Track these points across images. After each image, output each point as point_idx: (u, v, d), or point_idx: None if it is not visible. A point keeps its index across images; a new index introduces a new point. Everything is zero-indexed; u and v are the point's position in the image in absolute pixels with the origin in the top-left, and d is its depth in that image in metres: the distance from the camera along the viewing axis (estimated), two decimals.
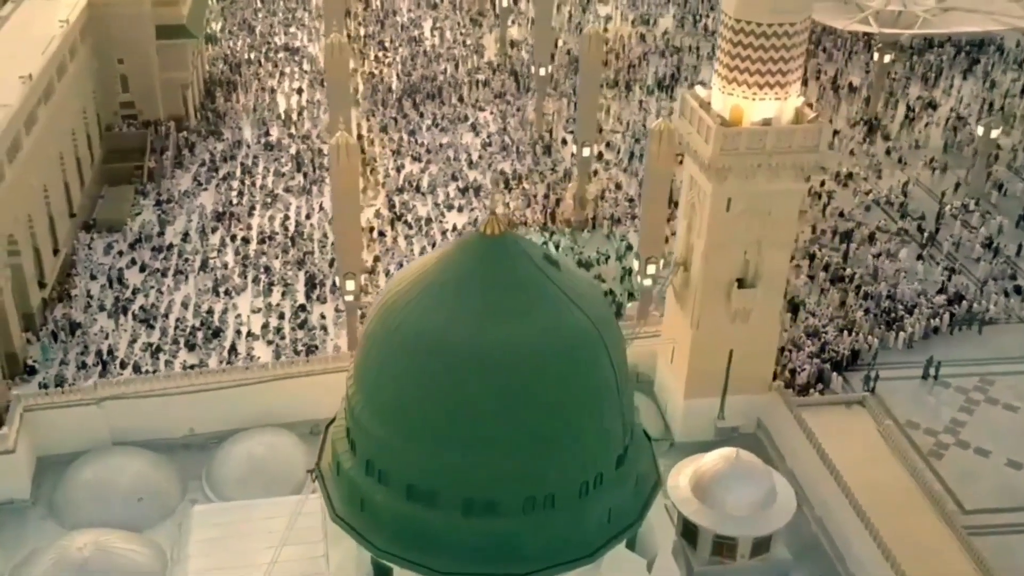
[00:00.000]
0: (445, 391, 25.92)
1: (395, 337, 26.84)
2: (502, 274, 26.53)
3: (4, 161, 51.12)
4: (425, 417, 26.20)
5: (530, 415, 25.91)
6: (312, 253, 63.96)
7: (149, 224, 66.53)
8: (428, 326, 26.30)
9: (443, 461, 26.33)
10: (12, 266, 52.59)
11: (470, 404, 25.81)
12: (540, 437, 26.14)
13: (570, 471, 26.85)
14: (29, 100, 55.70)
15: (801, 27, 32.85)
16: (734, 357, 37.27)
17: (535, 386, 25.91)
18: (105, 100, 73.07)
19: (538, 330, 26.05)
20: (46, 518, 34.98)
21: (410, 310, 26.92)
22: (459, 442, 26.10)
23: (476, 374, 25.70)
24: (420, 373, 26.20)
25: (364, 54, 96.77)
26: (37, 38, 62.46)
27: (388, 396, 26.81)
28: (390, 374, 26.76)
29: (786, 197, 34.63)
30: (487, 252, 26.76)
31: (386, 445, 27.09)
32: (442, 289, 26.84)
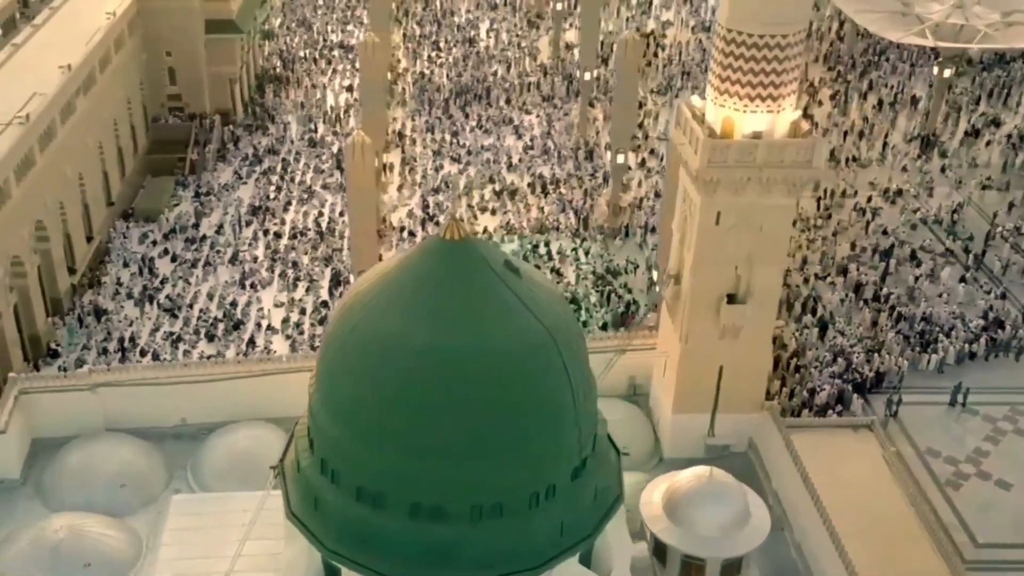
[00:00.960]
0: (395, 394, 26.06)
1: (351, 337, 27.10)
2: (459, 279, 26.59)
3: (35, 149, 52.78)
4: (375, 419, 26.39)
5: (479, 422, 25.91)
6: (340, 250, 64.69)
7: (185, 215, 68.07)
8: (383, 328, 26.49)
9: (391, 464, 26.49)
10: (41, 251, 54.35)
11: (419, 408, 25.91)
12: (488, 444, 26.13)
13: (519, 480, 26.75)
14: (66, 90, 57.45)
15: (794, 39, 32.19)
16: (724, 374, 36.69)
17: (485, 393, 25.88)
18: (152, 92, 74.98)
19: (491, 337, 26.04)
20: (33, 499, 36.05)
21: (367, 311, 27.16)
22: (407, 446, 26.21)
23: (426, 378, 25.79)
24: (372, 374, 26.40)
25: (418, 54, 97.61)
26: (83, 30, 64.43)
27: (342, 396, 27.08)
28: (345, 374, 27.01)
29: (778, 212, 33.99)
30: (446, 257, 26.84)
31: (339, 445, 27.36)
32: (399, 292, 27.02)
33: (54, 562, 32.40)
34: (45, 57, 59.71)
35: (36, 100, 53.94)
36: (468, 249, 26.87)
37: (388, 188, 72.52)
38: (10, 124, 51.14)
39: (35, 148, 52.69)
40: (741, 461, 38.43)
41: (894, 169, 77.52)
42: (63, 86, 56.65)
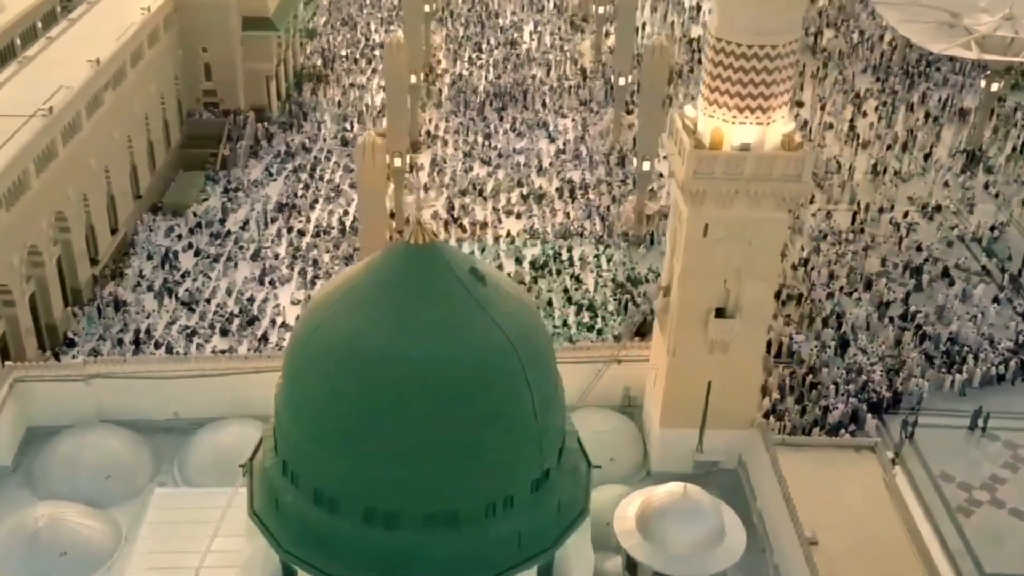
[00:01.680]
0: (351, 397, 26.08)
1: (313, 338, 27.22)
2: (421, 285, 26.49)
3: (58, 141, 53.98)
4: (331, 421, 26.44)
5: (434, 429, 25.75)
6: (360, 250, 65.11)
7: (213, 210, 69.08)
8: (342, 330, 26.53)
9: (346, 468, 26.50)
10: (62, 242, 55.61)
11: (374, 413, 25.87)
12: (443, 452, 25.96)
13: (475, 490, 26.54)
14: (93, 84, 58.68)
15: (785, 50, 31.52)
16: (713, 390, 36.07)
17: (440, 400, 25.73)
18: (188, 87, 76.27)
19: (449, 344, 25.90)
20: (22, 486, 36.66)
21: (330, 313, 27.25)
22: (361, 450, 26.21)
23: (381, 383, 25.77)
24: (330, 377, 26.46)
25: (459, 55, 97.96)
26: (118, 25, 65.80)
27: (302, 397, 27.18)
28: (305, 375, 27.12)
29: (768, 226, 33.31)
30: (409, 261, 26.77)
31: (298, 446, 27.47)
32: (362, 295, 27.05)
33: (31, 549, 32.87)
34: (77, 51, 61.07)
35: (61, 93, 55.17)
36: (433, 254, 26.77)
37: (415, 189, 72.76)
38: (32, 116, 52.35)
39: (57, 140, 53.90)
40: (730, 478, 37.78)
41: (936, 184, 75.87)
42: (90, 80, 57.88)
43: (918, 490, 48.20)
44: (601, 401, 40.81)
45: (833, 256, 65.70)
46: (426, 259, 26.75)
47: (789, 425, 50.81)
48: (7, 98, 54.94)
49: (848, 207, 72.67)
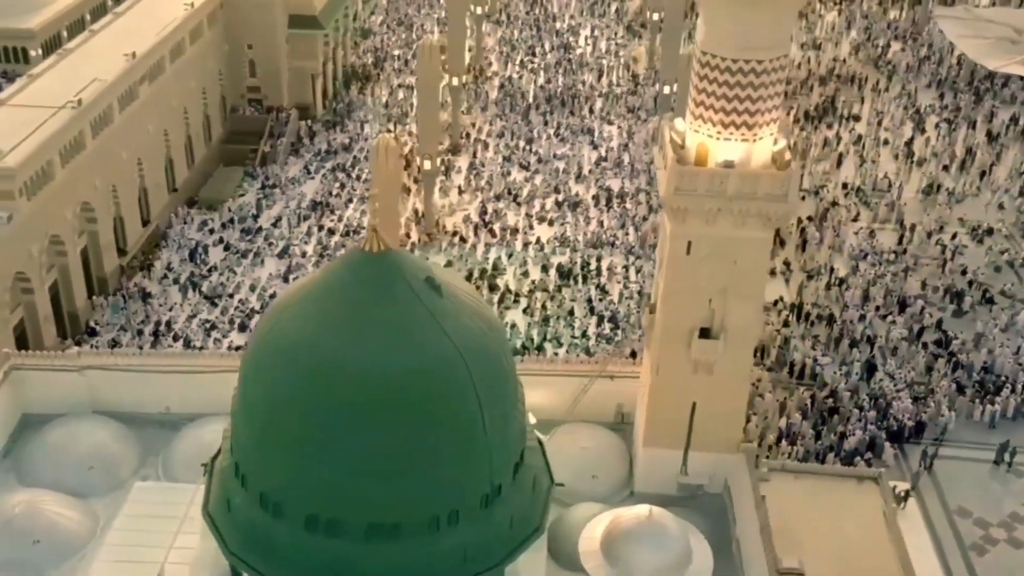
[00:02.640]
0: (294, 402, 26.17)
1: (265, 341, 27.37)
2: (372, 292, 26.47)
3: (87, 133, 55.25)
4: (276, 425, 26.54)
5: (376, 439, 25.71)
6: None
7: (247, 206, 70.02)
8: (291, 335, 26.64)
9: (289, 473, 26.61)
10: (88, 232, 56.93)
11: (316, 419, 25.93)
12: (386, 463, 25.88)
13: (418, 502, 26.40)
14: (127, 77, 59.93)
15: (771, 66, 30.57)
16: (698, 411, 35.32)
17: (384, 410, 25.67)
18: (232, 83, 77.48)
19: (396, 353, 25.81)
20: (9, 472, 37.56)
21: (283, 316, 27.40)
22: (303, 456, 26.27)
23: (323, 389, 25.80)
24: (276, 380, 26.58)
25: (511, 58, 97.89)
26: (161, 19, 67.15)
27: (251, 399, 27.34)
28: (255, 377, 27.29)
29: (753, 246, 32.43)
30: (363, 269, 26.80)
31: (247, 448, 27.67)
32: (315, 301, 27.13)
33: (5, 536, 33.62)
34: (116, 44, 62.46)
35: (94, 86, 56.46)
36: (387, 262, 26.74)
37: (450, 191, 72.98)
38: (62, 108, 53.67)
39: (86, 132, 55.15)
40: (715, 503, 37.00)
41: (990, 206, 73.44)
42: (123, 73, 59.12)
43: (931, 524, 46.57)
44: (593, 417, 40.37)
45: (871, 276, 63.96)
46: (380, 267, 26.73)
47: (802, 450, 49.58)
48: (41, 89, 56.45)
49: (894, 227, 70.75)
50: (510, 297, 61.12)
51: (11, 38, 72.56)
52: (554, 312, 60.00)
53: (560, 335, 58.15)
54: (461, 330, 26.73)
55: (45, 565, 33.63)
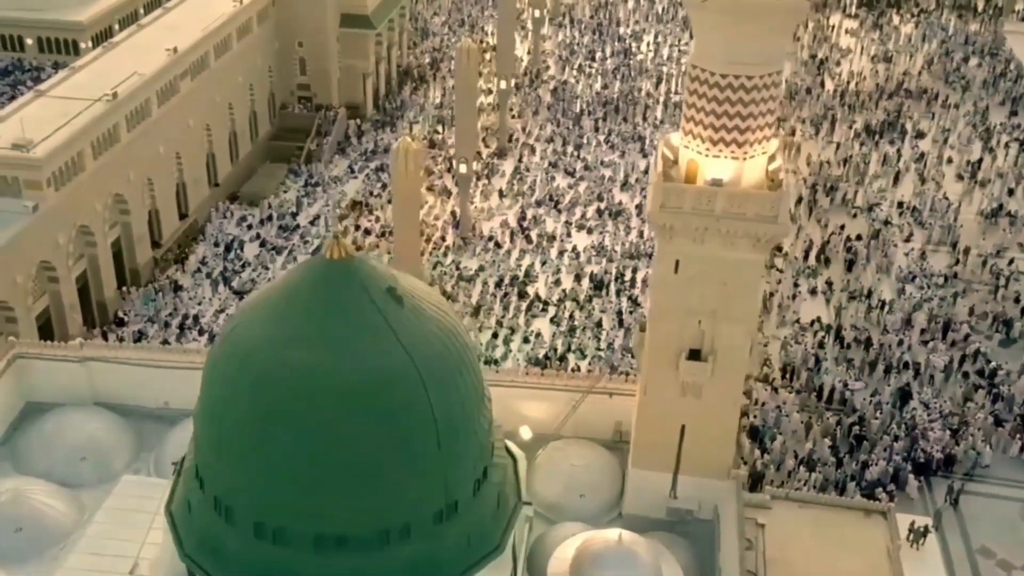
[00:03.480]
0: (243, 407, 26.17)
1: (225, 343, 27.41)
2: (329, 300, 26.32)
3: (121, 126, 56.34)
4: (227, 429, 26.58)
5: (322, 449, 25.56)
6: (422, 253, 65.45)
7: (288, 203, 70.74)
8: (245, 340, 26.65)
9: (238, 478, 26.60)
10: (121, 223, 58.08)
11: (263, 425, 25.88)
12: (331, 473, 25.72)
13: (366, 515, 26.22)
14: (167, 72, 60.99)
15: (762, 82, 29.45)
16: (687, 434, 34.38)
17: (332, 421, 25.48)
18: (282, 80, 78.37)
19: (346, 363, 25.60)
20: (5, 459, 38.23)
21: (242, 320, 27.46)
22: (251, 462, 26.25)
23: (274, 397, 25.70)
24: (228, 384, 26.62)
25: (569, 62, 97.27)
26: (209, 15, 68.22)
27: (208, 401, 27.38)
28: (212, 380, 27.33)
29: (743, 268, 31.36)
30: (324, 277, 26.67)
31: (205, 451, 27.75)
32: (273, 306, 27.11)
33: None
34: (161, 39, 63.63)
35: (132, 80, 57.60)
36: (347, 270, 26.53)
37: (491, 196, 72.76)
38: (97, 101, 54.83)
39: (121, 125, 56.23)
40: (705, 529, 35.89)
41: None
42: (162, 68, 60.17)
43: (951, 564, 44.73)
44: (591, 434, 39.64)
45: (917, 300, 61.87)
46: (341, 275, 26.52)
47: (820, 477, 48.13)
48: (81, 82, 57.78)
49: (948, 249, 68.39)
50: (538, 305, 60.60)
51: (61, 30, 74.61)
52: (581, 323, 59.30)
53: (585, 346, 57.45)
54: (420, 342, 26.39)
55: (26, 553, 34.14)
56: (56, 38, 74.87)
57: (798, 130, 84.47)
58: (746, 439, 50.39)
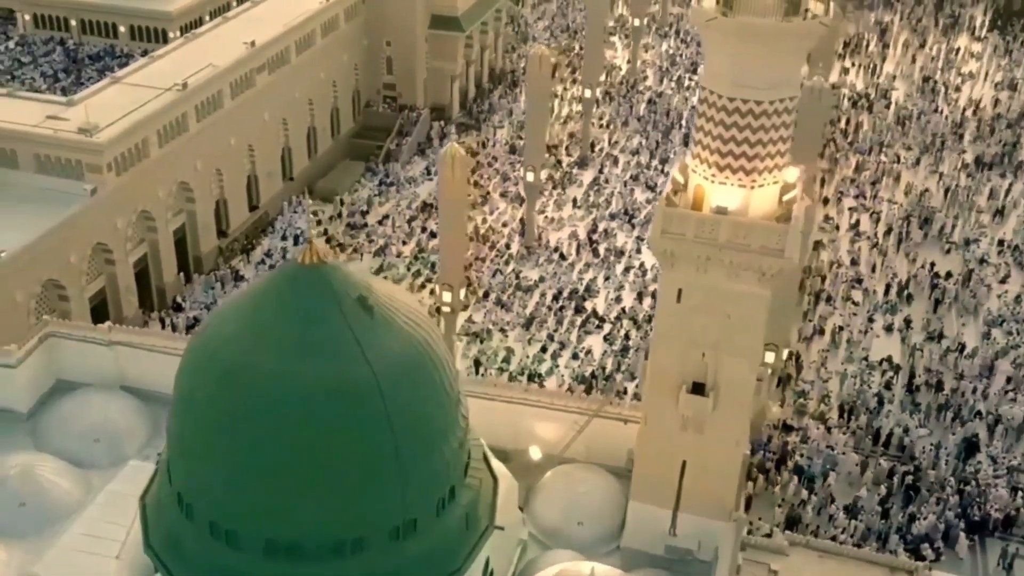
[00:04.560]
0: (204, 408, 26.39)
1: (195, 340, 27.81)
2: (297, 306, 26.35)
3: (190, 116, 58.00)
4: (189, 427, 26.90)
5: (274, 454, 25.44)
6: (483, 259, 65.50)
7: (360, 202, 71.66)
8: (213, 339, 26.88)
9: (197, 476, 26.92)
10: (187, 211, 59.86)
11: (221, 427, 26.11)
12: (281, 480, 25.59)
13: (316, 525, 26.12)
14: (241, 65, 62.46)
15: (772, 108, 28.14)
16: (688, 471, 33.29)
17: (286, 427, 25.35)
18: (369, 78, 79.42)
19: (305, 371, 25.49)
20: (27, 435, 39.70)
21: (216, 319, 27.83)
22: (208, 462, 26.54)
23: (229, 400, 25.83)
24: (192, 383, 26.89)
25: (669, 73, 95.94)
26: (297, 10, 69.66)
27: (176, 398, 27.84)
28: (181, 376, 27.73)
29: (748, 301, 30.12)
30: (294, 281, 26.66)
31: (172, 445, 28.13)
32: (246, 308, 27.28)
33: None
34: (244, 32, 65.29)
35: (206, 71, 59.27)
36: (318, 276, 26.42)
37: (564, 206, 72.24)
38: (168, 90, 56.63)
39: (189, 115, 57.88)
40: (704, 571, 34.84)
41: None
42: (236, 61, 61.69)
43: None
44: (604, 460, 38.89)
45: (1003, 346, 58.76)
46: (311, 281, 26.49)
47: (863, 526, 46.12)
48: (157, 71, 59.73)
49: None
50: (594, 322, 59.84)
51: (152, 19, 77.45)
52: (636, 343, 58.27)
53: (635, 368, 56.44)
54: (386, 355, 26.14)
55: (26, 528, 35.33)
56: (147, 27, 77.83)
57: (902, 156, 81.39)
58: (790, 476, 48.82)
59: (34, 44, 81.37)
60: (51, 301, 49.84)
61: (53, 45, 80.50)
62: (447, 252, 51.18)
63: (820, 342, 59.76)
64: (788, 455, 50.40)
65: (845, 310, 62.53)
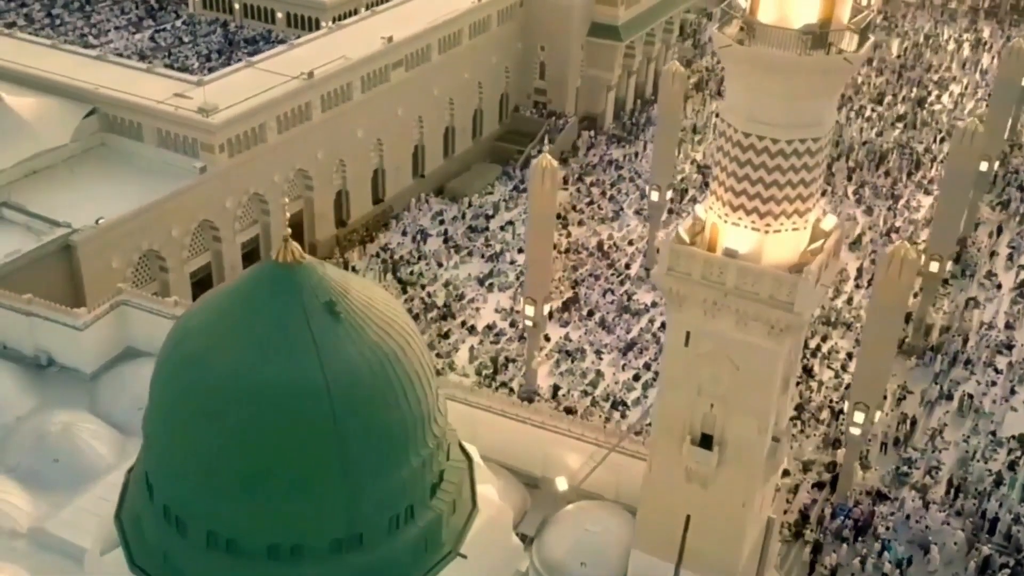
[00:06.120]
0: (161, 397, 27.39)
1: (169, 338, 28.59)
2: (262, 305, 26.54)
3: (315, 106, 59.90)
4: (151, 410, 27.91)
5: (215, 450, 25.85)
6: (597, 277, 64.55)
7: (487, 205, 72.04)
8: (180, 330, 27.70)
9: (154, 460, 27.83)
10: (305, 198, 61.95)
11: (171, 417, 26.90)
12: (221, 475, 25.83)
13: (253, 525, 26.31)
14: (374, 60, 63.94)
15: (791, 148, 25.94)
16: (692, 526, 31.50)
17: (228, 425, 25.64)
18: (520, 82, 79.67)
19: (261, 371, 25.71)
20: (85, 395, 42.22)
21: (185, 317, 28.69)
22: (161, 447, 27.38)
23: (181, 393, 26.53)
24: (157, 371, 27.87)
25: (852, 101, 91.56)
26: (449, 9, 70.70)
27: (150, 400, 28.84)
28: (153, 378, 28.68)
29: (759, 355, 28.07)
30: (266, 279, 27.02)
31: (147, 453, 29.02)
32: (218, 302, 28.00)
33: (35, 446, 38.22)
34: (387, 27, 66.85)
35: (336, 63, 61.09)
36: (290, 276, 26.67)
37: None
38: (294, 79, 58.73)
39: (314, 105, 59.79)
40: None
41: None
42: (369, 55, 63.19)
43: None
44: (626, 498, 37.56)
45: None
46: (281, 279, 26.76)
47: None
48: (292, 58, 62.07)
49: None
50: None
51: (307, 7, 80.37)
52: None
53: None
54: (344, 362, 26.11)
55: (55, 483, 37.44)
56: (302, 15, 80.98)
57: None
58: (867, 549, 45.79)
59: (198, 24, 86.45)
60: (151, 271, 52.74)
61: (215, 26, 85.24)
62: (533, 265, 50.84)
63: (944, 407, 55.63)
64: (871, 526, 47.21)
65: (984, 377, 57.88)
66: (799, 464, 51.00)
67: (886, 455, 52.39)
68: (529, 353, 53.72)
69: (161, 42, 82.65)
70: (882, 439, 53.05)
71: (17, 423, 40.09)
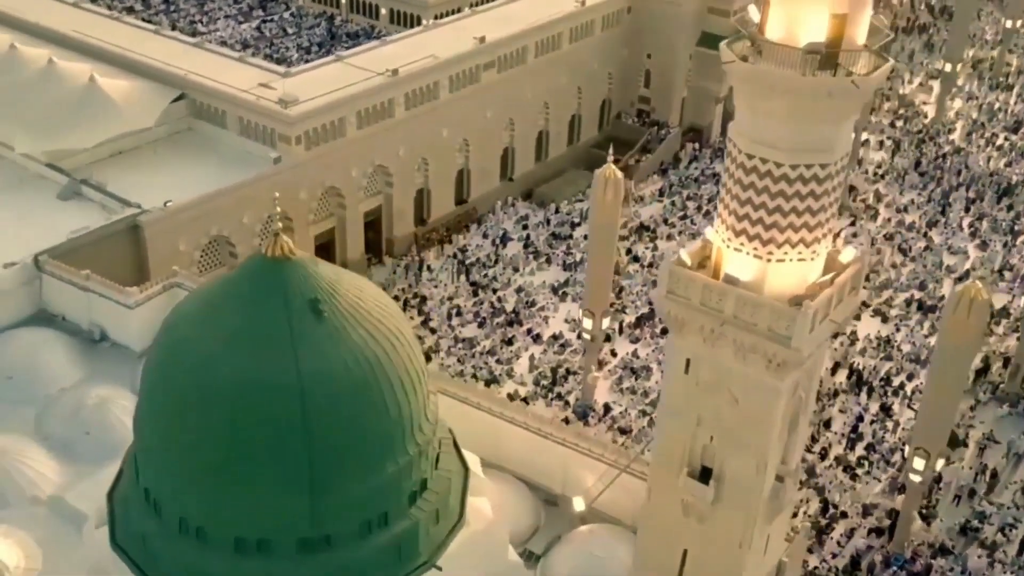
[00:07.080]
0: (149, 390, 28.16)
1: (162, 324, 29.25)
2: (246, 299, 26.96)
3: (399, 103, 60.52)
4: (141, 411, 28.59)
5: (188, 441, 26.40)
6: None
7: (574, 213, 71.42)
8: (172, 324, 28.26)
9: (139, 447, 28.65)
10: (384, 195, 62.70)
11: (151, 408, 27.78)
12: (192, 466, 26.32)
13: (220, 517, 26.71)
14: (465, 60, 64.18)
15: (796, 174, 24.56)
16: (689, 561, 30.43)
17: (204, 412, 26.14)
18: (624, 89, 78.80)
19: (236, 364, 26.08)
20: (131, 372, 43.63)
21: (178, 305, 29.34)
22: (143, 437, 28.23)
23: (161, 385, 27.35)
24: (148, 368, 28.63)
25: (983, 128, 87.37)
26: (548, 12, 70.47)
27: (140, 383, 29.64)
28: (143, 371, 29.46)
29: (759, 391, 26.80)
30: (254, 273, 27.41)
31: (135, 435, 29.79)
32: (201, 296, 28.72)
33: (70, 418, 39.83)
34: (487, 27, 67.01)
35: (424, 61, 61.59)
36: (277, 271, 26.93)
37: None
38: (379, 75, 59.45)
39: (397, 102, 60.40)
40: None
41: None
42: (457, 55, 63.43)
43: None
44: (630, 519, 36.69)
45: None
46: (268, 275, 27.17)
47: None
48: (382, 55, 62.87)
49: None
50: None
51: (410, 4, 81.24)
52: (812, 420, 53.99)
53: None
54: (321, 361, 26.32)
55: (84, 456, 38.84)
56: (404, 11, 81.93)
57: None
58: None
59: (305, 16, 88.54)
60: (220, 255, 54.25)
61: (320, 20, 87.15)
62: (593, 278, 50.19)
63: None
64: None
65: None
66: (858, 507, 48.92)
67: (958, 507, 49.74)
68: (586, 367, 53.08)
69: (266, 32, 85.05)
70: (956, 491, 50.42)
71: (60, 394, 41.88)
